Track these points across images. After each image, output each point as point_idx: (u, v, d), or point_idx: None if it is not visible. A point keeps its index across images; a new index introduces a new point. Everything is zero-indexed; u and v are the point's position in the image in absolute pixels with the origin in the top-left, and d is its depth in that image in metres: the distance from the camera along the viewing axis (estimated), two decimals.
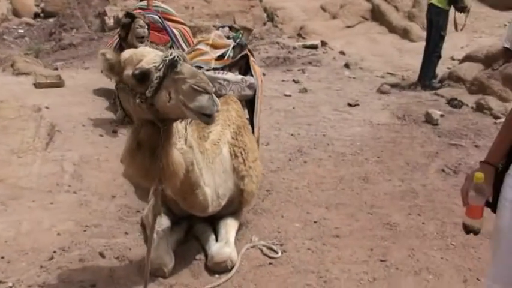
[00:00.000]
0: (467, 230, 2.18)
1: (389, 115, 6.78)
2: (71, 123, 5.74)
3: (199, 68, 3.67)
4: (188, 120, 2.83)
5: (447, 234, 3.91)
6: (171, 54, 2.55)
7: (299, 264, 3.47)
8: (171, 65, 2.53)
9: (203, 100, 2.50)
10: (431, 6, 8.28)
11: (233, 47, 4.22)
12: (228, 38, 4.41)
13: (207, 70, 3.87)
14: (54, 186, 4.25)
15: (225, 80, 3.98)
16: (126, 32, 5.76)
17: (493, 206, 2.20)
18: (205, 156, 3.27)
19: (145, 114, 2.65)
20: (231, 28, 4.68)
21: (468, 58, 8.22)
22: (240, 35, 4.35)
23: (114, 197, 4.24)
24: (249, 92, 4.17)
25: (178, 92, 2.52)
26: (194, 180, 3.08)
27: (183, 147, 2.92)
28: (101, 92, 7.26)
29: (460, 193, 2.20)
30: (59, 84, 7.38)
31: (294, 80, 8.61)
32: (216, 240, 3.55)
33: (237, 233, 3.67)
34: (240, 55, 4.22)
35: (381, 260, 3.55)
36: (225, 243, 3.44)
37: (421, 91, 8.04)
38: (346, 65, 9.86)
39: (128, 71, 2.66)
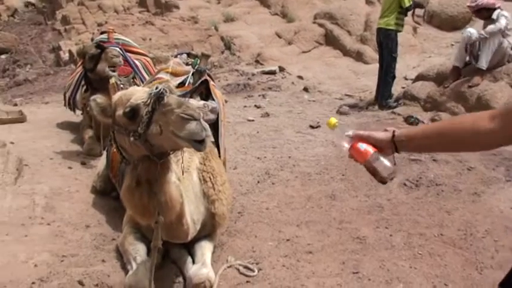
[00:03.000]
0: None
1: None
2: (38, 157, 5.71)
3: None
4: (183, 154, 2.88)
5: (414, 244, 4.04)
6: (156, 88, 2.62)
7: (275, 280, 3.54)
8: (158, 98, 2.60)
9: (191, 127, 2.54)
10: (380, 29, 8.61)
11: (192, 74, 4.23)
12: (187, 64, 4.46)
13: None
14: (26, 219, 4.20)
15: None
16: (95, 64, 5.79)
17: None
18: (183, 184, 3.31)
19: (140, 150, 2.73)
20: (189, 55, 4.72)
21: (420, 77, 8.50)
22: (198, 61, 4.39)
23: (88, 227, 4.23)
24: (212, 117, 4.21)
25: (168, 123, 2.58)
26: (183, 211, 3.13)
27: (175, 181, 2.97)
28: (65, 126, 7.29)
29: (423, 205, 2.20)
30: (21, 119, 7.40)
31: (255, 105, 8.77)
32: (193, 262, 3.57)
33: (212, 255, 3.70)
34: (200, 81, 4.21)
35: (354, 272, 3.64)
36: (202, 265, 3.46)
37: (378, 111, 8.30)
38: (305, 89, 10.10)
39: (119, 111, 2.75)
